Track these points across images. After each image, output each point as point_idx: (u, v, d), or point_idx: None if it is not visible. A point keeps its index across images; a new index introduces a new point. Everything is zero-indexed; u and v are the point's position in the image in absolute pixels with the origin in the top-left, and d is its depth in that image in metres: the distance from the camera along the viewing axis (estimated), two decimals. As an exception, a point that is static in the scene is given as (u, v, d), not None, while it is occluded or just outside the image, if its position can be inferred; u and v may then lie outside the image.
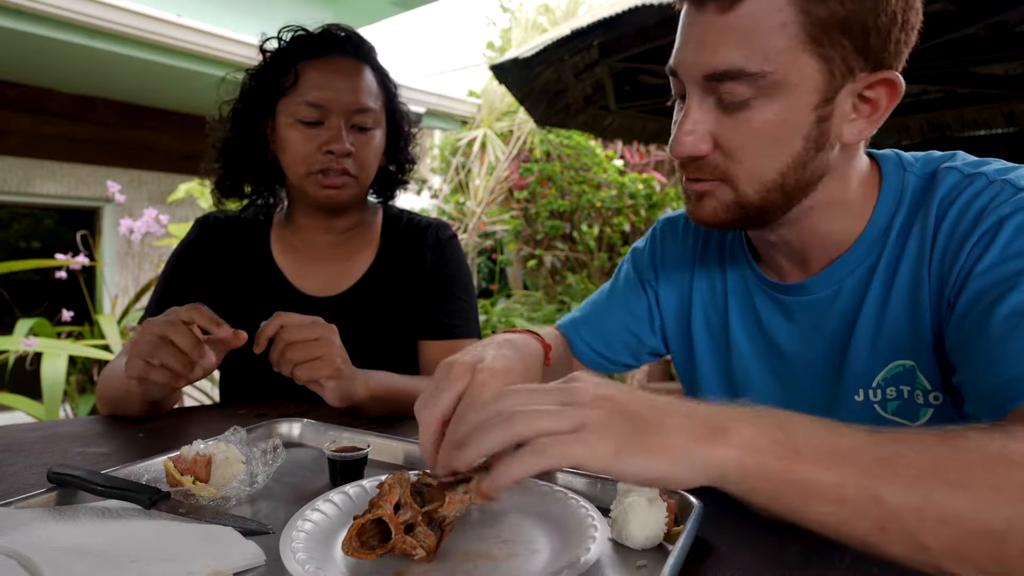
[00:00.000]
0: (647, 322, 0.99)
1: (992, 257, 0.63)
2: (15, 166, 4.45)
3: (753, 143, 0.67)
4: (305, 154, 1.14)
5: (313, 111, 1.13)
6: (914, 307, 0.72)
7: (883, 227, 0.75)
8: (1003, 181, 0.67)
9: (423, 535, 0.52)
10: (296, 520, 0.57)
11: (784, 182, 0.69)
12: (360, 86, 1.15)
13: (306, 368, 0.89)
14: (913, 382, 0.73)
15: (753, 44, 0.63)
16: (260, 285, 1.24)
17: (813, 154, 0.68)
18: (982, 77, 3.22)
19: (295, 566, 0.49)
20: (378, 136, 1.20)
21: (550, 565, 0.53)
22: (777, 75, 0.64)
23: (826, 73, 0.65)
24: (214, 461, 0.68)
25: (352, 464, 0.72)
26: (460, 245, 1.33)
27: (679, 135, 0.69)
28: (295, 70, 1.14)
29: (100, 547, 0.54)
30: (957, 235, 0.68)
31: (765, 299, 0.85)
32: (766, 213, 0.72)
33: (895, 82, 0.67)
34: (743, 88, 0.65)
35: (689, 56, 0.68)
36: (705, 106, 0.68)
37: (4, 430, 0.94)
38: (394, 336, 1.23)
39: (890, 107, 0.69)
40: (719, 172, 0.70)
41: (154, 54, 3.79)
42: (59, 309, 2.93)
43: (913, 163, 0.76)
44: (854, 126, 0.69)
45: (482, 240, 6.85)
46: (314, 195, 1.16)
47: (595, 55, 3.17)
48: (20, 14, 3.30)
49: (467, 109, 6.24)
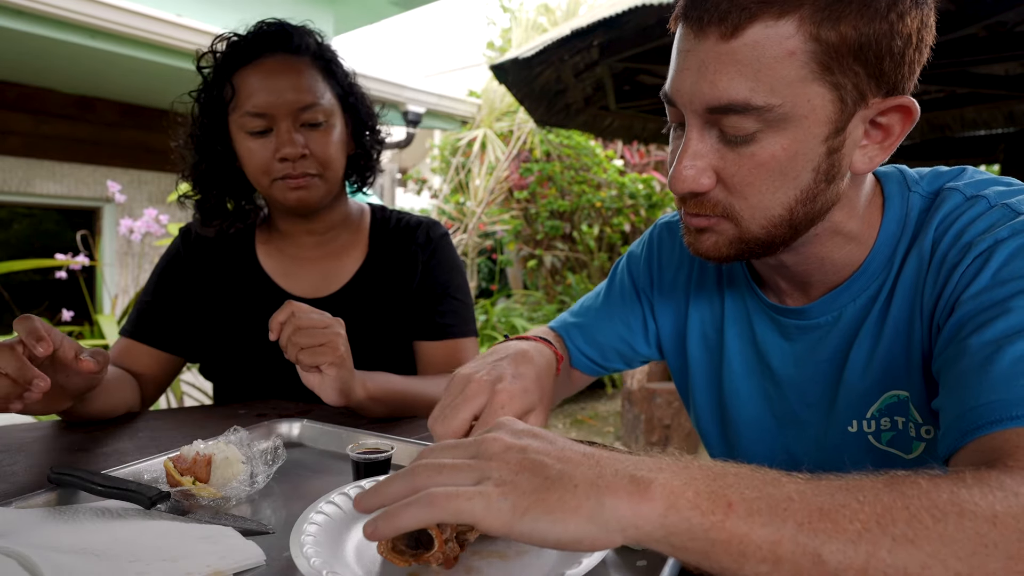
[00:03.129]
0: (641, 332, 0.97)
1: (983, 282, 0.59)
2: (15, 166, 4.45)
3: (759, 178, 0.62)
4: (262, 164, 1.11)
5: (258, 120, 1.09)
6: (909, 335, 0.69)
7: (888, 255, 0.71)
8: (1003, 206, 0.63)
9: (451, 548, 0.52)
10: (307, 514, 0.57)
11: (792, 217, 0.65)
12: (301, 83, 1.10)
13: (310, 353, 0.90)
14: (907, 414, 0.70)
15: (759, 75, 0.58)
16: (248, 290, 1.23)
17: (824, 187, 0.64)
18: (982, 77, 3.22)
19: (305, 563, 0.49)
20: (336, 128, 1.15)
21: (558, 564, 0.53)
22: (785, 107, 0.59)
23: (837, 102, 0.60)
24: (214, 461, 0.68)
25: (376, 466, 0.72)
26: (452, 243, 1.32)
27: (678, 169, 0.64)
28: (231, 84, 1.11)
29: (100, 547, 0.54)
30: (950, 260, 0.64)
31: (763, 318, 0.82)
32: (770, 247, 0.68)
33: (910, 108, 0.62)
34: (748, 122, 0.60)
35: (687, 85, 0.62)
36: (707, 138, 0.63)
37: (4, 430, 0.94)
38: (388, 336, 1.22)
39: (903, 133, 0.64)
40: (721, 208, 0.65)
41: (154, 54, 3.78)
42: (59, 309, 2.93)
43: (918, 181, 0.72)
44: (865, 153, 0.64)
45: (482, 240, 6.84)
46: (283, 201, 1.14)
47: (595, 55, 3.17)
48: (20, 14, 3.30)
49: (467, 109, 6.24)
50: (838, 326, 0.75)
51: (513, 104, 5.79)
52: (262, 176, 1.12)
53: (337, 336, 0.92)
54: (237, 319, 1.21)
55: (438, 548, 0.51)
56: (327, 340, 0.90)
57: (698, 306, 0.90)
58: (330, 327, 0.91)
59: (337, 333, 0.92)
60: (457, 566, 0.53)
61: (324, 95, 1.13)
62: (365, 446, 0.75)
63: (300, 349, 0.89)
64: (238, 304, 1.22)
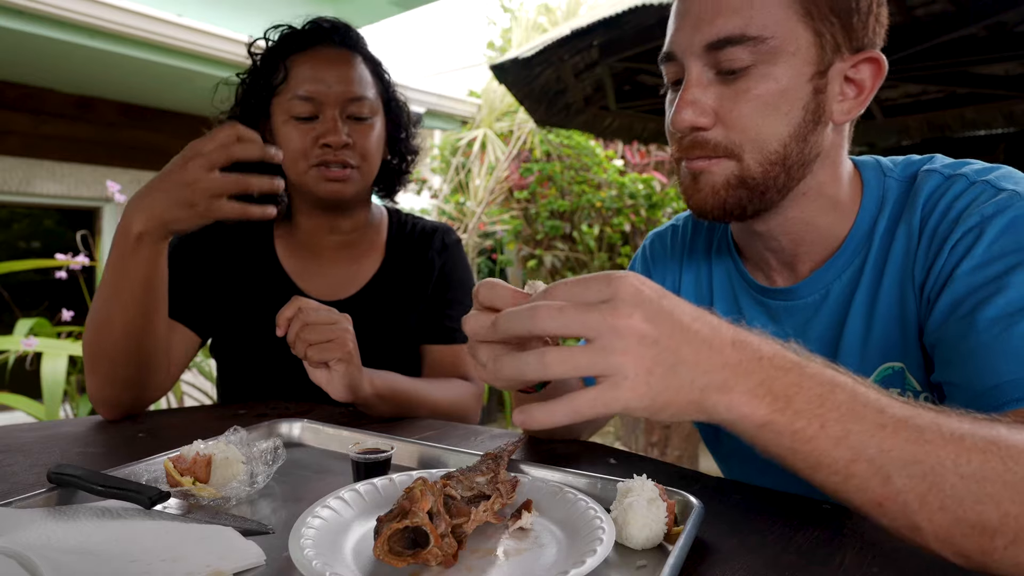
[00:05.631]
0: None
1: (976, 259, 0.64)
2: (15, 166, 4.45)
3: (755, 112, 0.68)
4: (302, 149, 1.11)
5: (306, 105, 1.11)
6: (902, 308, 0.72)
7: (867, 229, 0.76)
8: (983, 182, 0.68)
9: (448, 545, 0.52)
10: (307, 514, 0.57)
11: (787, 154, 0.69)
12: (351, 75, 1.13)
13: (319, 349, 0.90)
14: (903, 384, 0.73)
15: (752, 12, 0.66)
16: (265, 286, 1.22)
17: (812, 127, 0.69)
18: (982, 77, 3.22)
19: (305, 564, 0.49)
20: (377, 125, 1.17)
21: (558, 564, 0.53)
22: (776, 41, 0.66)
23: (818, 47, 0.68)
24: (214, 461, 0.68)
25: (376, 466, 0.72)
26: (463, 249, 1.33)
27: (680, 106, 0.69)
28: (284, 66, 1.12)
29: (100, 547, 0.54)
30: (939, 234, 0.69)
31: (750, 301, 0.85)
32: (766, 193, 0.71)
33: (879, 60, 0.70)
34: (744, 53, 0.67)
35: (687, 32, 0.69)
36: (705, 79, 0.69)
37: (4, 430, 0.94)
38: (401, 341, 1.22)
39: (875, 87, 0.71)
40: (721, 148, 0.70)
41: (154, 54, 3.78)
42: (59, 309, 2.93)
43: (892, 168, 0.78)
44: (842, 106, 0.71)
45: (482, 240, 6.84)
46: (316, 190, 1.13)
47: (595, 55, 3.17)
48: (20, 14, 3.30)
49: (467, 109, 6.24)
50: (826, 304, 0.78)
51: (513, 104, 5.78)
52: (300, 160, 1.12)
53: (345, 332, 0.92)
54: (248, 309, 1.20)
55: (434, 543, 0.51)
56: (335, 336, 0.91)
57: (687, 291, 0.93)
58: (338, 323, 0.92)
59: (345, 329, 0.92)
60: (457, 565, 0.53)
61: (371, 92, 1.16)
62: (365, 446, 0.75)
63: (308, 345, 0.90)
64: (253, 298, 1.20)
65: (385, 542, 0.51)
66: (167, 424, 1.02)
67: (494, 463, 0.66)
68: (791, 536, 0.59)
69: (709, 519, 0.60)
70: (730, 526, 0.61)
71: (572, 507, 0.60)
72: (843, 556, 0.55)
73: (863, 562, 0.54)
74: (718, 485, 0.72)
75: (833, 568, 0.53)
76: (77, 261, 2.82)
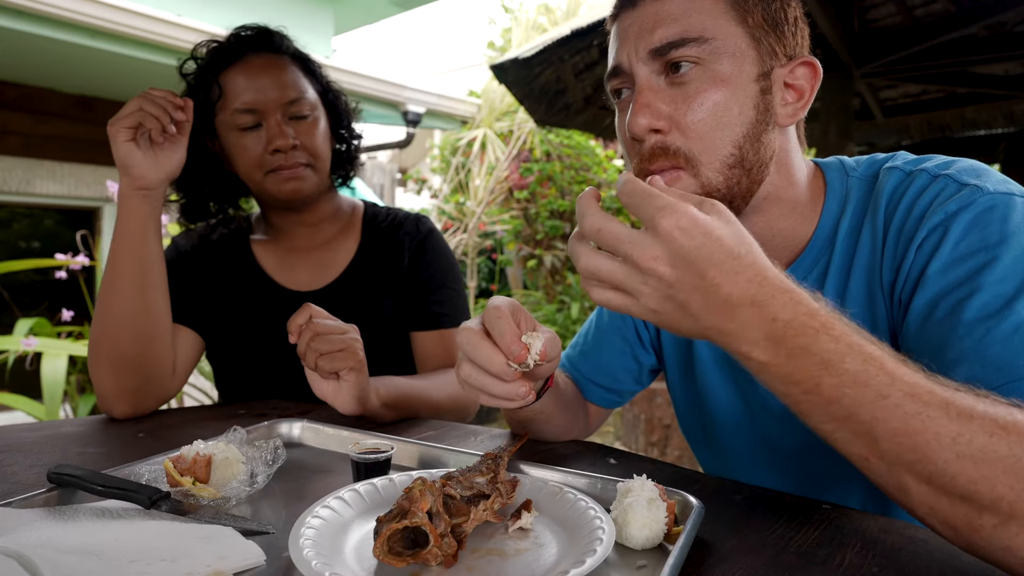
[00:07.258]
0: (636, 340, 0.99)
1: (944, 257, 0.64)
2: (15, 166, 4.44)
3: (709, 114, 0.68)
4: (255, 159, 1.15)
5: (247, 116, 1.13)
6: (871, 309, 0.72)
7: (830, 230, 0.76)
8: (945, 176, 0.68)
9: (447, 544, 0.52)
10: (307, 514, 0.57)
11: (743, 156, 0.69)
12: (285, 78, 1.16)
13: (330, 359, 0.90)
14: None
15: (690, 18, 0.68)
16: (245, 285, 1.24)
17: (764, 128, 0.70)
18: (982, 77, 3.23)
19: (305, 564, 0.49)
20: (320, 120, 1.20)
21: (558, 564, 0.53)
22: (717, 42, 0.68)
23: (757, 50, 0.69)
24: (214, 461, 0.68)
25: (376, 466, 0.72)
26: (442, 236, 1.35)
27: (635, 110, 0.69)
28: (217, 84, 1.15)
29: (100, 547, 0.54)
30: (905, 233, 0.69)
31: None
32: (733, 201, 0.71)
33: (815, 64, 0.72)
34: (689, 52, 0.68)
35: (631, 44, 0.71)
36: (655, 84, 0.70)
37: (4, 430, 0.94)
38: (383, 326, 1.23)
39: (814, 89, 0.72)
40: (680, 157, 0.69)
41: (154, 54, 3.78)
42: (59, 309, 2.93)
43: (855, 167, 0.78)
44: (786, 110, 0.72)
45: (482, 240, 6.84)
46: (277, 194, 1.17)
47: (595, 55, 3.17)
48: (20, 14, 3.29)
49: (467, 109, 6.24)
50: None
51: (513, 104, 5.78)
52: (255, 170, 1.16)
53: (355, 341, 0.92)
54: (234, 311, 1.23)
55: (434, 543, 0.51)
56: (346, 346, 0.91)
57: None
58: (347, 332, 0.92)
59: (355, 339, 0.93)
60: (457, 565, 0.53)
61: (307, 89, 1.19)
62: (365, 446, 0.75)
63: (319, 355, 0.89)
64: (234, 299, 1.23)
65: (385, 542, 0.51)
66: (167, 424, 1.02)
67: (494, 463, 0.65)
68: (791, 536, 0.59)
69: (709, 519, 0.60)
70: (730, 526, 0.61)
71: (572, 507, 0.60)
72: (843, 556, 0.55)
73: (863, 562, 0.54)
74: (718, 485, 0.72)
75: (833, 568, 0.53)
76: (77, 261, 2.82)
